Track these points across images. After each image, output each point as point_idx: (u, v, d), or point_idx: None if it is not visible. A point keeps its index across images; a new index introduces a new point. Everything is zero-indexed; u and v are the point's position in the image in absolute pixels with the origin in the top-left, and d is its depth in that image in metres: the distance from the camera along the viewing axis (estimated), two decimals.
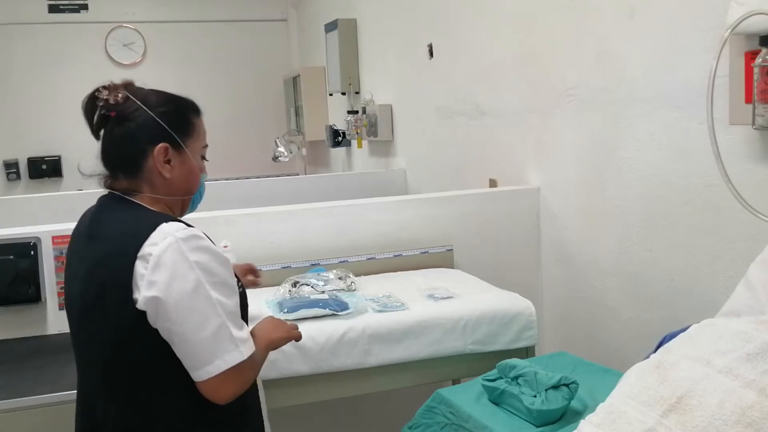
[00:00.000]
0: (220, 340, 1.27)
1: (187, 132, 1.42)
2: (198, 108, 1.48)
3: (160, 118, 1.38)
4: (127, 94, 1.39)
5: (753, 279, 1.29)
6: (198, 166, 1.44)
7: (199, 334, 1.26)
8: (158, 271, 1.25)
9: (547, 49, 2.59)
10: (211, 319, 1.27)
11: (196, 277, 1.26)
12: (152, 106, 1.39)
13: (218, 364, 1.27)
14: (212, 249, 1.32)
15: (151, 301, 1.25)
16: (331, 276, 2.29)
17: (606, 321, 2.39)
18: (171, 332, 1.27)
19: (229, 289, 1.32)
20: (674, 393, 1.08)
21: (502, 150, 2.99)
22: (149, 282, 1.25)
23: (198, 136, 1.45)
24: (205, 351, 1.27)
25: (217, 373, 1.27)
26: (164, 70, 6.62)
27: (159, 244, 1.26)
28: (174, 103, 1.44)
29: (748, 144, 1.74)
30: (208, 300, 1.27)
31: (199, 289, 1.26)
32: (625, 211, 2.24)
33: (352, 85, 4.82)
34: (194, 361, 1.28)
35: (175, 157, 1.39)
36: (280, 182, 4.32)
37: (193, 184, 1.45)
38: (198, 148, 1.45)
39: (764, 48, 1.57)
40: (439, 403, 1.76)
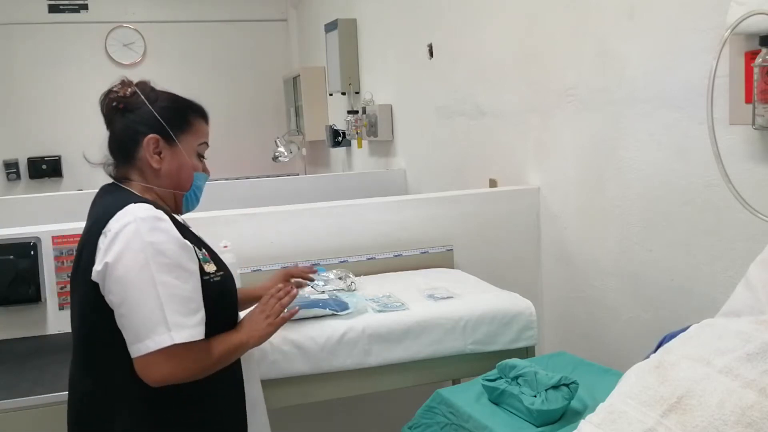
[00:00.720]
0: (153, 321, 1.31)
1: (182, 128, 1.49)
2: (201, 109, 1.55)
3: (158, 111, 1.47)
4: (136, 89, 1.49)
5: (753, 279, 1.29)
6: (191, 164, 1.51)
7: (137, 311, 1.31)
8: (112, 246, 1.32)
9: (547, 49, 2.59)
10: (149, 299, 1.31)
11: (145, 256, 1.31)
12: (153, 101, 1.49)
13: (147, 344, 1.30)
14: (171, 232, 1.36)
15: (101, 272, 1.32)
16: (331, 276, 2.29)
17: (606, 321, 2.39)
18: (113, 304, 1.33)
19: (183, 272, 1.35)
20: (674, 393, 1.08)
21: (502, 150, 2.99)
22: (103, 255, 1.33)
23: (194, 134, 1.51)
24: (138, 328, 1.31)
25: (146, 352, 1.30)
26: (164, 70, 6.62)
27: (120, 220, 1.34)
28: (176, 101, 1.52)
29: (748, 144, 1.74)
30: (151, 280, 1.31)
31: (145, 268, 1.31)
32: (625, 211, 2.24)
33: (352, 85, 4.82)
34: (129, 337, 1.33)
35: (167, 150, 1.47)
36: (280, 182, 4.32)
37: (184, 180, 1.51)
38: (193, 146, 1.51)
39: (764, 48, 1.57)
40: (439, 403, 1.76)
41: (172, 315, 1.31)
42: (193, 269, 1.38)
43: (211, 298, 1.41)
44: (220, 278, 1.47)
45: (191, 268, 1.38)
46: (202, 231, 2.37)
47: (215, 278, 1.46)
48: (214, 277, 1.45)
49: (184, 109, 1.52)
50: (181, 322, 1.32)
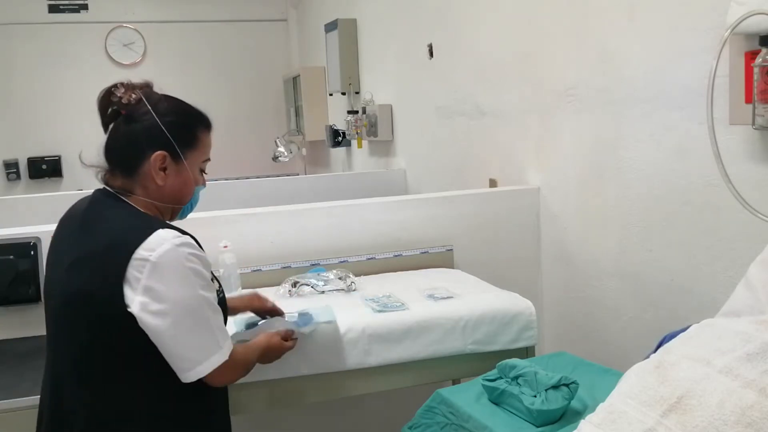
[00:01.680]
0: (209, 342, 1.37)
1: (190, 144, 1.45)
2: (208, 122, 1.51)
3: (166, 126, 1.41)
4: (141, 96, 1.42)
5: (753, 279, 1.29)
6: (194, 179, 1.48)
7: (193, 336, 1.35)
8: (155, 277, 1.30)
9: (547, 49, 2.59)
10: (203, 321, 1.36)
11: (190, 282, 1.33)
12: (161, 113, 1.42)
13: (206, 366, 1.36)
14: (201, 256, 1.39)
15: (146, 305, 1.30)
16: (331, 276, 2.30)
17: (606, 321, 2.39)
18: (165, 335, 1.33)
19: (213, 290, 1.42)
20: (674, 393, 1.08)
21: (502, 150, 2.99)
22: (145, 287, 1.30)
23: (201, 150, 1.48)
24: (195, 351, 1.35)
25: (206, 374, 1.36)
26: (164, 70, 6.63)
27: (156, 249, 1.31)
28: (184, 114, 1.47)
29: (748, 144, 1.74)
30: (200, 305, 1.35)
31: (194, 294, 1.34)
32: (625, 211, 2.24)
33: (352, 85, 4.82)
34: (185, 364, 1.35)
35: (172, 167, 1.43)
36: (280, 182, 4.32)
37: (185, 195, 1.49)
38: (198, 161, 1.48)
39: (764, 48, 1.57)
40: (439, 403, 1.76)
41: (219, 331, 1.40)
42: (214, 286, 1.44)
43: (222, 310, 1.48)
44: (222, 294, 1.51)
45: (214, 284, 1.44)
46: (202, 231, 2.38)
47: (220, 293, 1.49)
48: (220, 293, 1.49)
49: (192, 123, 1.48)
50: (224, 335, 1.41)
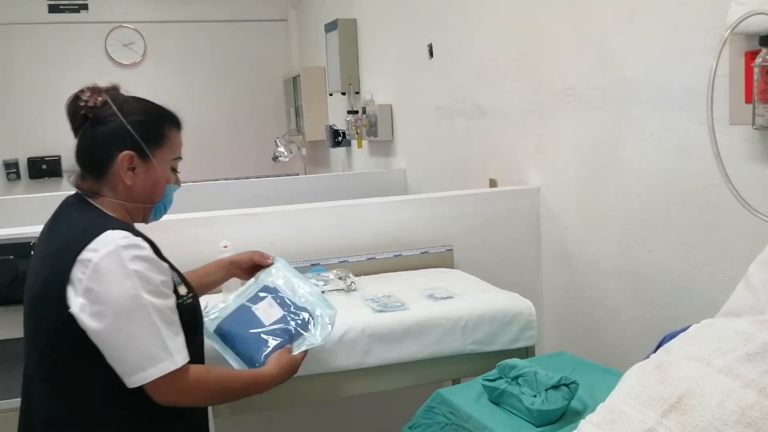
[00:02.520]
0: (154, 347, 1.30)
1: (157, 143, 1.44)
2: (176, 120, 1.49)
3: (132, 125, 1.41)
4: (107, 98, 1.42)
5: (753, 279, 1.29)
6: (165, 178, 1.47)
7: (135, 341, 1.29)
8: (95, 278, 1.28)
9: (547, 49, 2.59)
10: (146, 326, 1.30)
11: (133, 284, 1.29)
12: (127, 114, 1.42)
13: (151, 372, 1.29)
14: (151, 258, 1.34)
15: (85, 307, 1.28)
16: (331, 276, 2.30)
17: (606, 321, 2.39)
18: (103, 338, 1.29)
19: (167, 296, 1.35)
20: (674, 393, 1.08)
21: (502, 150, 2.99)
22: (85, 288, 1.28)
23: (169, 148, 1.46)
24: (138, 357, 1.30)
25: (150, 380, 1.30)
26: (164, 70, 6.63)
27: (100, 250, 1.29)
28: (150, 112, 1.46)
29: (748, 144, 1.74)
30: (144, 308, 1.29)
31: (136, 296, 1.29)
32: (625, 211, 2.24)
33: (352, 85, 4.82)
34: (127, 367, 1.30)
35: (141, 166, 1.42)
36: (280, 182, 4.32)
37: (156, 194, 1.47)
38: (168, 159, 1.47)
39: (764, 48, 1.57)
40: (439, 403, 1.76)
41: (170, 339, 1.32)
42: (171, 294, 1.38)
43: (185, 322, 1.40)
44: (191, 300, 1.46)
45: (170, 292, 1.37)
46: (202, 231, 2.38)
47: (187, 300, 1.44)
48: (186, 300, 1.43)
49: (159, 121, 1.46)
50: (178, 345, 1.33)
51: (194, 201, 3.62)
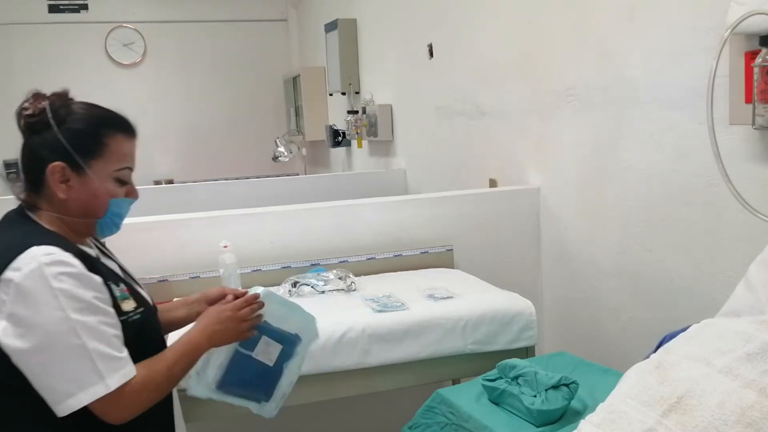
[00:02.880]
0: (83, 371, 1.20)
1: (94, 153, 1.31)
2: (124, 127, 1.36)
3: (64, 134, 1.30)
4: (45, 106, 1.32)
5: (753, 279, 1.29)
6: (105, 191, 1.33)
7: (63, 365, 1.19)
8: (18, 300, 1.18)
9: (547, 49, 2.59)
10: (74, 349, 1.19)
11: (58, 303, 1.19)
12: (61, 121, 1.31)
13: (81, 398, 1.19)
14: (79, 274, 1.23)
15: (8, 330, 1.18)
16: (331, 276, 2.30)
17: (606, 321, 2.39)
18: (28, 363, 1.20)
19: (100, 312, 1.24)
20: (674, 393, 1.08)
21: (502, 150, 2.99)
22: (9, 312, 1.19)
23: (109, 159, 1.32)
24: (67, 383, 1.19)
25: (80, 407, 1.20)
26: (164, 70, 6.63)
27: (22, 269, 1.19)
28: (88, 120, 1.33)
29: (748, 144, 1.74)
30: (72, 329, 1.19)
31: (62, 317, 1.19)
32: (625, 211, 2.24)
33: (352, 85, 4.82)
34: (55, 395, 1.20)
35: (75, 178, 1.31)
36: (280, 182, 4.32)
37: (96, 208, 1.34)
38: (108, 170, 1.33)
39: (764, 48, 1.57)
40: (439, 403, 1.76)
41: (102, 360, 1.21)
42: (108, 308, 1.27)
43: (128, 340, 1.29)
44: (139, 316, 1.35)
45: (107, 307, 1.26)
46: (203, 231, 2.39)
47: (134, 317, 1.33)
48: (132, 316, 1.33)
49: (96, 129, 1.32)
50: (113, 365, 1.22)
51: (194, 201, 3.64)
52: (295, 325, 1.60)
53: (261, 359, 1.53)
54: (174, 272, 2.34)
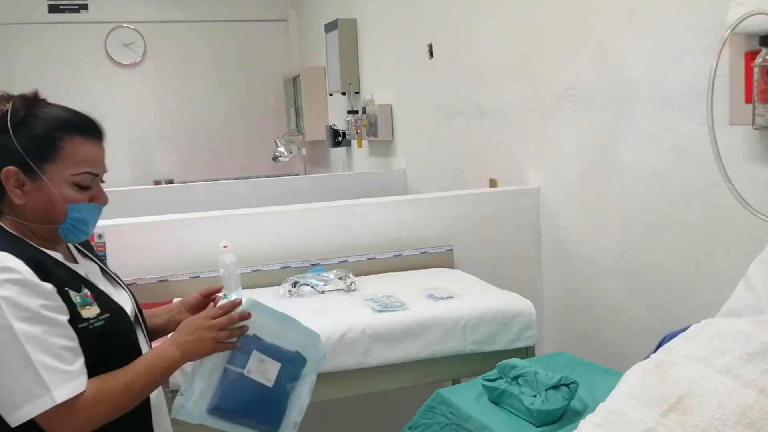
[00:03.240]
0: (28, 383, 1.16)
1: (49, 157, 1.26)
2: (84, 129, 1.30)
3: (18, 138, 1.25)
4: (7, 108, 1.27)
5: (753, 279, 1.29)
6: (62, 196, 1.27)
7: (6, 377, 1.16)
8: None
9: (547, 49, 2.59)
10: (18, 360, 1.15)
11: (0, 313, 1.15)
12: (18, 125, 1.26)
13: (27, 410, 1.15)
14: (23, 281, 1.19)
15: None
16: (331, 276, 2.30)
17: (606, 321, 2.39)
18: None
19: (48, 321, 1.19)
20: (674, 393, 1.08)
21: (502, 150, 2.99)
22: None
23: (65, 163, 1.27)
24: (12, 395, 1.16)
25: (26, 419, 1.16)
26: (164, 70, 6.63)
27: None
28: (43, 123, 1.28)
29: (748, 144, 1.74)
30: (14, 339, 1.15)
31: (5, 328, 1.15)
32: (625, 211, 2.24)
33: (352, 85, 4.82)
34: (3, 407, 1.17)
35: (30, 183, 1.26)
36: (280, 182, 4.32)
37: (54, 214, 1.29)
38: (64, 175, 1.27)
39: (764, 48, 1.57)
40: (439, 403, 1.76)
41: (49, 372, 1.16)
42: (58, 318, 1.21)
43: (91, 347, 1.25)
44: (103, 322, 1.29)
45: (56, 316, 1.21)
46: (203, 231, 2.39)
47: (96, 323, 1.27)
48: (95, 323, 1.27)
49: (51, 133, 1.27)
50: (60, 378, 1.17)
51: (194, 201, 3.64)
52: (295, 341, 1.47)
53: (256, 378, 1.40)
54: (174, 272, 2.34)
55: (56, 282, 1.24)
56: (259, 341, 1.41)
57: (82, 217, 1.31)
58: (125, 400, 1.27)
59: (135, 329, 1.41)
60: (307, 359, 1.47)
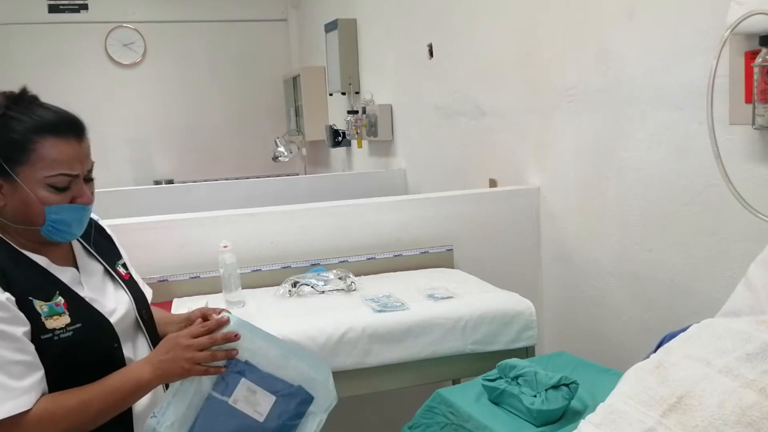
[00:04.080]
0: None
1: (21, 160, 1.23)
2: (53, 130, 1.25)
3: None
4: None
5: (753, 279, 1.29)
6: (36, 199, 1.24)
7: None
8: None
9: (547, 49, 2.59)
10: None
11: None
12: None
13: None
14: None
15: None
16: (331, 276, 2.30)
17: (606, 321, 2.39)
18: None
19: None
20: (674, 393, 1.08)
21: (502, 150, 2.99)
22: None
23: (38, 165, 1.23)
24: None
25: None
26: (164, 70, 6.63)
27: None
28: (17, 123, 1.25)
29: (748, 144, 1.74)
30: None
31: None
32: (625, 211, 2.24)
33: (352, 85, 4.82)
34: None
35: (6, 186, 1.24)
36: (280, 182, 4.32)
37: (32, 216, 1.26)
38: (38, 177, 1.24)
39: (764, 48, 1.57)
40: (439, 403, 1.76)
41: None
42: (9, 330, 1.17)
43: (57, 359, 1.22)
44: (71, 333, 1.24)
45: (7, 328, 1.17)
46: (203, 231, 2.38)
47: (63, 334, 1.23)
48: (61, 334, 1.23)
49: (24, 135, 1.23)
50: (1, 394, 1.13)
51: (194, 201, 3.64)
52: (297, 374, 1.32)
53: (243, 410, 1.26)
54: (174, 272, 2.34)
55: (19, 290, 1.21)
56: (252, 369, 1.28)
57: (61, 219, 1.27)
58: (79, 422, 1.21)
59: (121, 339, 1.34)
60: (315, 396, 1.33)
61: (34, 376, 1.18)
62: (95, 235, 1.47)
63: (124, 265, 1.51)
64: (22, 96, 1.31)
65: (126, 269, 1.51)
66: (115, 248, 1.53)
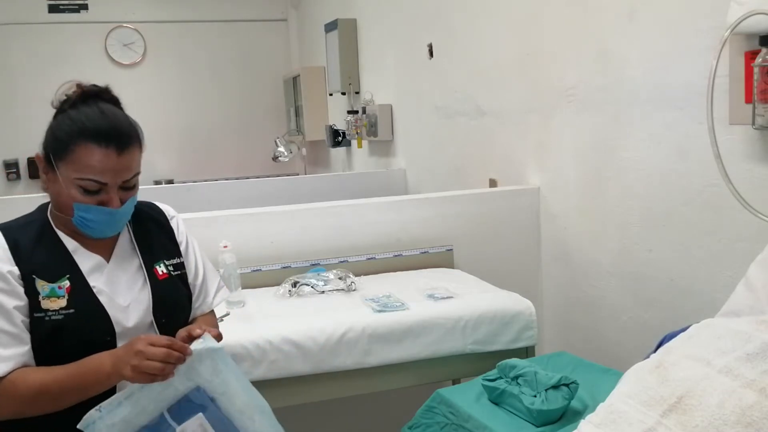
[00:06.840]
0: None
1: (61, 155, 1.30)
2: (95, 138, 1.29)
3: (49, 129, 1.34)
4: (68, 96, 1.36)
5: (753, 279, 1.29)
6: (67, 193, 1.30)
7: None
8: None
9: (547, 49, 2.59)
10: None
11: None
12: (56, 116, 1.35)
13: None
14: None
15: None
16: (331, 276, 2.30)
17: (606, 321, 2.39)
18: None
19: None
20: (674, 393, 1.08)
21: (502, 150, 2.99)
22: None
23: (73, 165, 1.29)
24: None
25: None
26: (164, 70, 6.63)
27: None
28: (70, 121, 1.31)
29: (748, 144, 1.74)
30: None
31: None
32: (625, 211, 2.24)
33: (352, 85, 4.82)
34: None
35: (50, 173, 1.34)
36: (280, 182, 4.32)
37: (64, 207, 1.33)
38: (71, 176, 1.30)
39: (764, 48, 1.57)
40: (439, 403, 1.76)
41: None
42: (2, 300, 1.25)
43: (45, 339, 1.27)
44: (62, 317, 1.28)
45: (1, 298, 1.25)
46: (203, 231, 2.38)
47: (54, 316, 1.28)
48: (52, 315, 1.28)
49: (70, 133, 1.29)
50: None
51: (194, 201, 3.63)
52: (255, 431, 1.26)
53: None
54: None
55: (26, 267, 1.29)
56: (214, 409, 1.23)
57: (87, 216, 1.32)
58: (38, 400, 1.24)
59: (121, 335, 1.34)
60: None
61: (15, 348, 1.25)
62: (151, 228, 1.50)
63: (175, 265, 1.49)
64: (94, 95, 1.38)
65: (169, 269, 1.47)
66: (170, 246, 1.52)
